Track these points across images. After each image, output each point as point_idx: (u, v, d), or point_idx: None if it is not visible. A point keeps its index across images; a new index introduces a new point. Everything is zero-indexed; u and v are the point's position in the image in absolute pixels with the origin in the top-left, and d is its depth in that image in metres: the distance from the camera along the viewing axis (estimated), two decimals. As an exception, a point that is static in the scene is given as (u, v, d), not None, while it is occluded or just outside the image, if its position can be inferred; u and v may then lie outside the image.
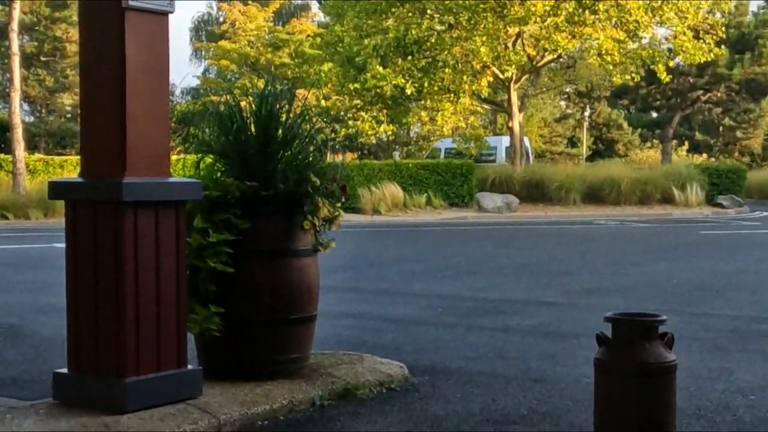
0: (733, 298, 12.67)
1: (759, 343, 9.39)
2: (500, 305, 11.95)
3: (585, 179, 37.43)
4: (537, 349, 9.01)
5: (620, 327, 5.34)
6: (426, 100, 38.97)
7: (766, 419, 6.39)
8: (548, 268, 16.68)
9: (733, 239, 24.00)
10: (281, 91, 7.35)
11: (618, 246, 21.82)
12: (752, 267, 16.82)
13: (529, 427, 6.20)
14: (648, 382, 5.24)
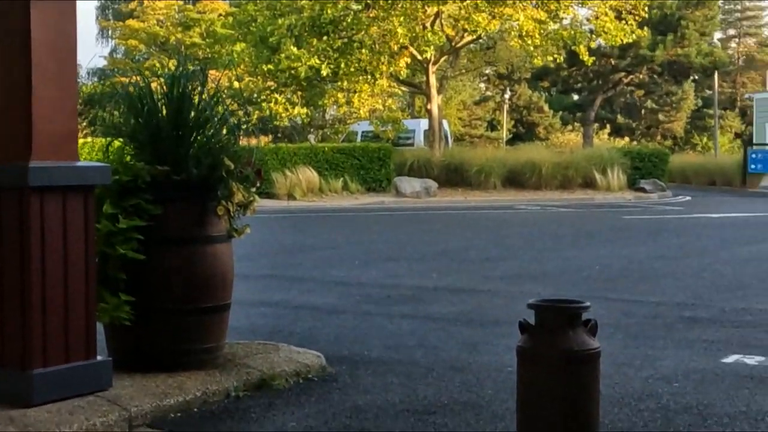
0: (657, 284, 12.85)
1: (682, 329, 9.54)
2: (420, 293, 11.99)
3: (505, 163, 37.63)
4: (458, 337, 9.06)
5: (543, 314, 5.39)
6: (342, 81, 38.89)
7: (690, 406, 6.50)
8: (468, 254, 16.78)
9: (656, 224, 24.31)
10: (193, 72, 7.31)
11: (539, 231, 21.98)
12: (675, 252, 17.06)
13: (450, 417, 6.24)
14: (571, 369, 5.30)
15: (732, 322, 9.93)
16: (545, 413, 5.32)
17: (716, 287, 12.58)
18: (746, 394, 6.85)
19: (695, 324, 9.85)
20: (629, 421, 6.13)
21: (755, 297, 11.71)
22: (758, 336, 9.18)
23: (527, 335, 5.40)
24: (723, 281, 13.18)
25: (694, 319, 10.10)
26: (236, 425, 6.07)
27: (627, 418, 6.22)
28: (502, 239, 19.77)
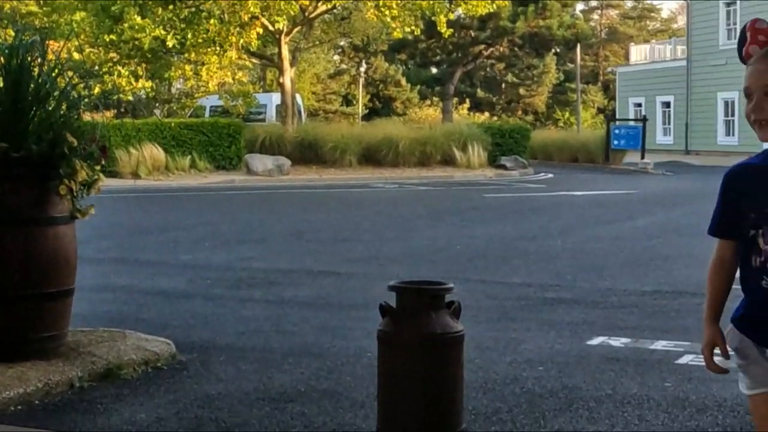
0: (520, 265, 13.07)
1: (546, 311, 9.74)
2: (274, 275, 12.00)
3: (361, 140, 37.68)
4: (315, 321, 9.10)
5: (404, 296, 5.45)
6: (189, 53, 38.44)
7: (555, 391, 6.66)
8: (324, 234, 16.83)
9: (518, 203, 24.66)
10: (32, 42, 7.17)
11: (398, 211, 22.12)
12: (538, 232, 17.35)
13: (307, 405, 6.28)
14: (434, 353, 5.38)
15: (596, 303, 10.17)
16: (407, 399, 5.39)
17: (580, 267, 12.85)
18: (612, 377, 7.04)
19: (559, 305, 10.06)
20: (493, 407, 6.25)
21: (619, 277, 12.01)
22: (623, 317, 9.43)
23: (388, 318, 5.45)
24: (587, 261, 13.46)
25: (559, 301, 10.32)
26: (81, 417, 6.01)
27: (491, 403, 6.33)
28: (359, 219, 19.84)
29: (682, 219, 19.79)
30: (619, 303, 10.22)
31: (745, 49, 3.32)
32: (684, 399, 6.46)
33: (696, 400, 6.44)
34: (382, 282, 6.13)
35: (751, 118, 3.30)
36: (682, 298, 10.49)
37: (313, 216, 20.72)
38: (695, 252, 14.41)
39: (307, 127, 40.26)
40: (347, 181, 33.12)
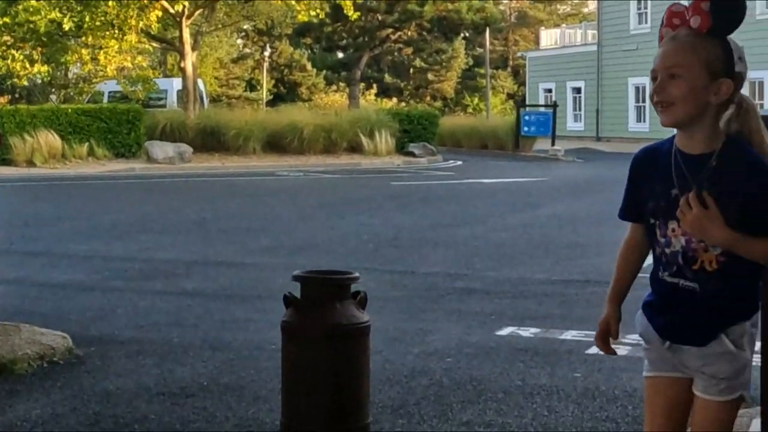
0: (428, 254, 13.13)
1: (455, 301, 9.81)
2: (175, 267, 11.94)
3: (265, 126, 37.46)
4: (217, 314, 9.08)
5: (309, 286, 5.46)
6: (87, 36, 37.97)
7: (463, 383, 6.71)
8: (227, 224, 16.73)
9: (426, 191, 24.68)
10: None
11: (303, 200, 22.08)
12: (446, 220, 17.41)
13: (209, 400, 6.27)
14: (340, 345, 5.39)
15: (506, 293, 10.26)
16: (311, 392, 5.39)
17: (490, 256, 12.94)
18: (521, 368, 7.11)
19: (468, 295, 10.12)
20: (401, 400, 6.28)
21: (529, 266, 12.12)
22: (532, 307, 9.52)
23: (292, 309, 5.45)
24: (496, 250, 13.56)
25: (468, 290, 10.38)
26: (-27, 416, 5.94)
27: (398, 396, 6.37)
28: (263, 208, 19.79)
29: (592, 207, 19.99)
30: (529, 292, 10.31)
31: (660, 31, 3.35)
32: (594, 389, 6.54)
33: (606, 390, 6.53)
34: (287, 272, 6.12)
35: (654, 99, 3.28)
36: (592, 287, 10.59)
37: (215, 205, 20.59)
38: (605, 240, 14.57)
39: (210, 113, 39.98)
40: (251, 169, 32.95)
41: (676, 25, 3.28)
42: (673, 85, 3.21)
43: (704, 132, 3.24)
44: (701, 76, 3.19)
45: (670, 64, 3.23)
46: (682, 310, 3.35)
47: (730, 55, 3.23)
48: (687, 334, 3.35)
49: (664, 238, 3.34)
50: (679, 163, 3.28)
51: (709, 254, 3.25)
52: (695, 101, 3.20)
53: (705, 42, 3.21)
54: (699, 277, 3.28)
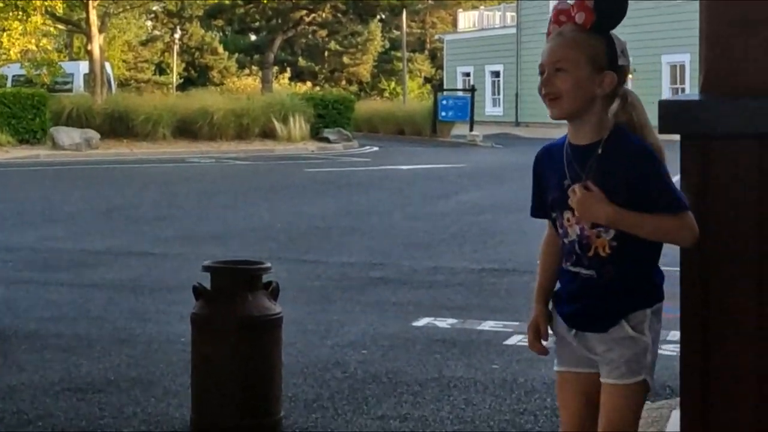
0: (343, 243, 13.12)
1: (370, 292, 9.81)
2: (81, 257, 11.81)
3: (176, 111, 37.20)
4: (125, 306, 9.00)
5: (219, 277, 5.45)
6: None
7: (379, 375, 6.71)
8: (136, 213, 16.59)
9: (342, 178, 24.65)
10: None
11: (215, 187, 21.93)
12: (362, 208, 17.43)
13: (117, 395, 6.22)
14: (251, 337, 5.38)
15: (423, 283, 10.28)
16: (222, 386, 5.39)
17: (406, 245, 12.96)
18: (437, 359, 7.13)
19: (385, 285, 10.13)
20: (314, 393, 6.27)
21: (446, 255, 12.16)
22: (449, 296, 9.55)
23: (202, 301, 5.45)
24: (413, 238, 13.59)
25: (384, 280, 10.39)
26: None
27: (311, 389, 6.35)
28: (173, 196, 19.64)
29: (511, 194, 20.08)
30: (446, 282, 10.34)
31: (549, 28, 3.51)
32: (512, 381, 6.58)
33: (524, 381, 6.57)
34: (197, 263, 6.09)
35: (542, 92, 3.44)
36: (510, 276, 10.68)
37: (124, 193, 20.40)
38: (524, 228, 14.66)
39: (118, 98, 39.61)
40: (161, 155, 32.70)
41: (562, 22, 3.44)
42: (560, 79, 3.38)
43: (591, 124, 3.41)
44: (586, 70, 3.37)
45: (557, 58, 3.40)
46: (584, 298, 3.48)
47: (613, 49, 3.41)
48: (590, 321, 3.48)
49: (562, 228, 3.49)
50: (569, 155, 3.44)
51: (602, 240, 3.39)
52: (581, 94, 3.37)
53: (589, 37, 3.39)
54: (595, 264, 3.42)
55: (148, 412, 5.88)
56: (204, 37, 72.98)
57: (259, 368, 5.41)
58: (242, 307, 5.37)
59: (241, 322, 5.35)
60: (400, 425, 5.67)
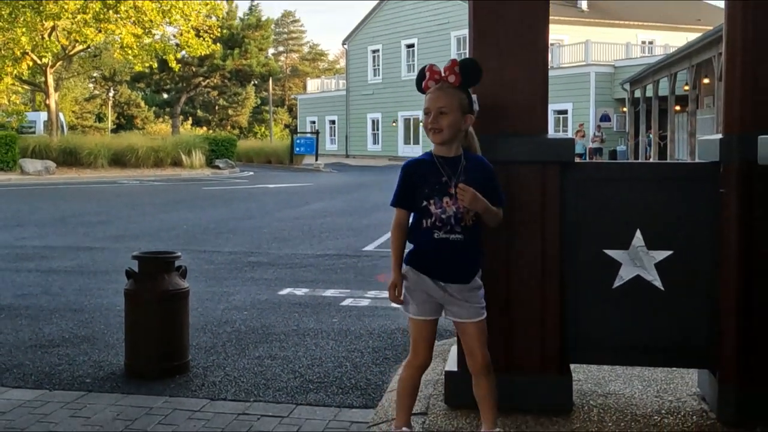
0: (230, 238, 13.04)
1: (249, 271, 9.77)
2: (43, 251, 11.48)
3: (111, 147, 36.49)
4: (76, 285, 8.79)
5: (144, 263, 5.38)
6: (-29, 80, 36.10)
7: (256, 328, 6.70)
8: (83, 219, 16.19)
9: (228, 193, 24.47)
10: None
11: (139, 200, 21.53)
12: (242, 214, 17.32)
13: (71, 348, 6.07)
14: (167, 306, 5.32)
15: (284, 265, 10.28)
16: (147, 340, 5.35)
17: (273, 239, 12.95)
18: (296, 317, 7.15)
19: (258, 267, 10.10)
20: (212, 342, 6.23)
21: (300, 245, 12.18)
22: (303, 274, 9.58)
23: (132, 281, 5.38)
24: (277, 234, 13.57)
25: (257, 263, 10.36)
26: None
27: (210, 339, 6.31)
28: (109, 207, 19.21)
29: (343, 203, 20.24)
30: (300, 264, 10.36)
31: (425, 83, 3.69)
32: (346, 330, 6.63)
33: (354, 330, 6.63)
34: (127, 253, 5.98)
35: (428, 126, 3.63)
36: (343, 259, 10.75)
37: (73, 205, 19.87)
38: (352, 226, 14.81)
39: (69, 138, 38.48)
40: (100, 179, 31.93)
41: (436, 80, 3.66)
42: (442, 118, 3.60)
43: (455, 145, 3.65)
44: (458, 113, 3.61)
45: (440, 105, 3.60)
46: (453, 257, 3.61)
47: (471, 100, 3.67)
48: (457, 274, 3.64)
49: (440, 209, 3.59)
50: (442, 163, 3.63)
51: (469, 215, 3.60)
52: (455, 128, 3.61)
53: (458, 92, 3.63)
54: (464, 230, 3.61)
55: (94, 359, 5.74)
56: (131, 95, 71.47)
57: (173, 327, 5.35)
58: (161, 284, 5.31)
59: (161, 295, 5.29)
60: (271, 362, 5.65)
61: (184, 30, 38.17)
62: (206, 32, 40.06)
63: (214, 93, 71.44)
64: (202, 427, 4.39)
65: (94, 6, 34.66)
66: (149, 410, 4.64)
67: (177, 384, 5.14)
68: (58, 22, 35.12)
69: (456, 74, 3.62)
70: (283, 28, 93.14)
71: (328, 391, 5.00)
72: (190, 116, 72.73)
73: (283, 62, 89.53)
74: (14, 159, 33.21)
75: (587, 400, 4.43)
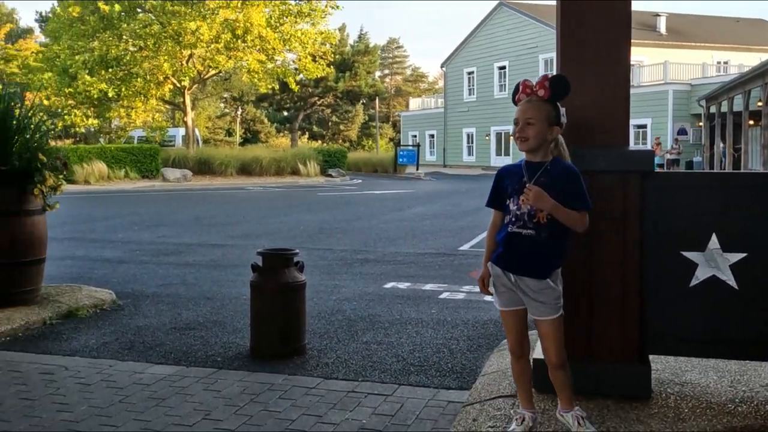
0: (340, 238, 13.13)
1: (358, 267, 9.82)
2: (181, 247, 11.79)
3: (239, 158, 37.30)
4: (209, 277, 8.99)
5: (268, 258, 5.46)
6: (123, 101, 37.37)
7: (364, 317, 6.73)
8: (214, 220, 16.57)
9: (340, 198, 24.68)
10: (14, 92, 6.89)
11: (262, 204, 21.93)
12: (352, 217, 17.43)
13: (204, 331, 6.21)
14: (287, 296, 5.39)
15: (389, 261, 10.30)
16: (269, 326, 5.41)
17: (379, 239, 12.99)
18: (399, 308, 7.15)
19: (365, 263, 10.15)
20: (325, 328, 6.28)
21: (403, 244, 12.18)
22: (406, 270, 9.58)
23: (257, 273, 5.45)
24: (383, 235, 13.61)
25: (365, 260, 10.41)
26: (51, 344, 5.79)
27: (323, 326, 6.37)
28: (237, 210, 19.61)
29: (441, 208, 20.17)
30: (403, 261, 10.36)
31: (518, 96, 3.62)
32: (443, 320, 6.60)
33: (451, 320, 6.59)
34: (253, 250, 6.10)
35: (516, 135, 3.58)
36: (441, 257, 10.71)
37: (207, 208, 20.36)
38: (449, 228, 14.75)
39: (203, 150, 39.51)
40: (230, 185, 32.64)
41: (528, 93, 3.59)
42: (529, 129, 3.54)
43: (542, 153, 3.57)
44: (544, 124, 3.53)
45: (528, 116, 3.54)
46: (523, 251, 3.54)
47: (559, 113, 3.56)
48: (526, 267, 3.55)
49: (515, 206, 3.54)
50: (527, 167, 3.58)
51: (543, 214, 3.50)
52: (540, 137, 3.54)
53: (547, 105, 3.55)
54: (536, 227, 3.51)
55: (223, 341, 5.87)
56: (255, 113, 72.79)
57: (291, 314, 5.42)
58: (282, 277, 5.38)
59: (281, 287, 5.36)
60: (377, 347, 5.67)
61: (302, 56, 38.75)
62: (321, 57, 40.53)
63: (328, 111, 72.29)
64: (317, 401, 4.43)
65: (225, 36, 35.51)
66: (271, 386, 4.72)
67: (295, 364, 5.20)
68: (194, 50, 36.09)
69: (546, 88, 3.54)
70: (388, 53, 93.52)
71: (428, 374, 4.99)
72: (306, 131, 73.71)
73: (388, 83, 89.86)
74: (157, 168, 34.32)
75: (665, 388, 4.30)
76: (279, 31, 37.27)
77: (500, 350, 5.27)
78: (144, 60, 35.85)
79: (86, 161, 31.61)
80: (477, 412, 4.02)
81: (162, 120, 45.99)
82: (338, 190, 29.33)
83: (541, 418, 3.82)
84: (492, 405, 4.08)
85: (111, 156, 33.19)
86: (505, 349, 5.20)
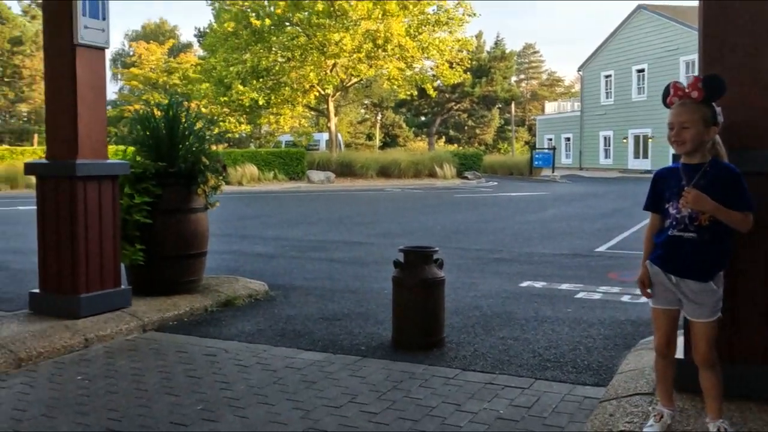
0: (476, 238, 13.11)
1: (493, 266, 9.80)
2: (326, 244, 12.07)
3: (378, 161, 37.72)
4: (352, 272, 9.18)
5: (409, 255, 5.55)
6: (272, 108, 38.63)
7: (500, 314, 6.73)
8: (356, 219, 16.86)
9: (476, 200, 24.60)
10: (179, 102, 7.29)
11: (401, 205, 22.14)
12: (488, 218, 17.36)
13: (349, 321, 6.37)
14: (427, 291, 5.47)
15: (524, 261, 10.22)
16: (411, 319, 5.49)
17: (514, 239, 12.89)
18: (535, 306, 7.11)
19: (501, 262, 10.11)
20: (463, 323, 6.33)
21: (539, 245, 12.05)
22: (541, 270, 9.48)
23: (399, 269, 5.55)
24: (518, 235, 13.50)
25: (500, 259, 10.37)
26: (212, 328, 6.11)
27: (461, 321, 6.42)
28: (377, 210, 19.88)
29: (576, 210, 19.79)
30: (539, 261, 10.27)
31: (669, 99, 3.52)
32: (579, 319, 6.53)
33: (587, 319, 6.51)
34: (394, 247, 6.21)
35: (671, 139, 3.48)
36: (577, 258, 10.54)
37: (349, 208, 20.75)
38: (585, 229, 14.47)
39: (345, 154, 40.25)
40: (370, 186, 33.09)
41: (680, 96, 3.49)
42: (684, 132, 3.44)
43: (700, 154, 3.47)
44: (700, 126, 3.43)
45: (682, 120, 3.44)
46: (685, 254, 3.46)
47: (715, 113, 3.45)
48: (688, 270, 3.47)
49: (675, 209, 3.47)
50: (684, 170, 3.49)
51: (705, 216, 3.41)
52: (697, 140, 3.44)
53: (701, 106, 3.44)
54: (698, 230, 3.43)
55: (367, 332, 6.02)
56: (394, 118, 73.48)
57: (431, 308, 5.50)
58: (422, 273, 5.46)
59: (422, 282, 5.44)
60: (513, 342, 5.68)
61: (440, 63, 38.93)
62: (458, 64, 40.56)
63: (464, 115, 72.12)
64: (455, 391, 4.51)
65: (367, 46, 36.11)
66: (412, 375, 4.83)
67: (434, 355, 5.29)
68: (338, 60, 36.89)
69: (699, 90, 3.43)
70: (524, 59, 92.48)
71: (564, 370, 4.97)
72: (443, 135, 73.80)
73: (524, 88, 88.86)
74: (303, 170, 35.22)
75: (806, 390, 4.13)
76: (418, 39, 37.57)
77: (637, 350, 5.17)
78: (291, 70, 36.93)
79: (239, 164, 32.84)
80: (614, 407, 3.98)
81: (308, 126, 47.31)
82: (474, 192, 29.23)
83: (679, 417, 3.76)
84: (629, 402, 4.03)
85: (261, 159, 34.34)
86: (642, 349, 5.12)
